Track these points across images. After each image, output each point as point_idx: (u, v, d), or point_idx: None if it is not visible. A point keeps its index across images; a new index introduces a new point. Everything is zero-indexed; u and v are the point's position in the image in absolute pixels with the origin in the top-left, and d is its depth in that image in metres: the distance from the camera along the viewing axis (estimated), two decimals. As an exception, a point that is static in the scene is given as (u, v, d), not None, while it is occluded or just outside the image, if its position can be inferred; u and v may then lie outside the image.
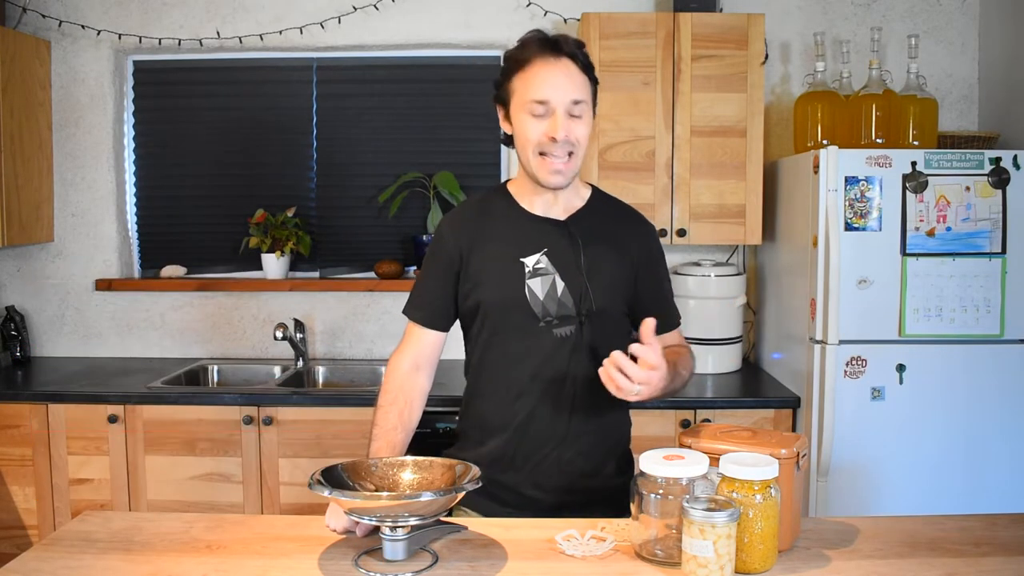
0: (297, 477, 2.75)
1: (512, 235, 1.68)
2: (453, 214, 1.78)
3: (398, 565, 1.35)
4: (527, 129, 1.59)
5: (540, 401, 1.65)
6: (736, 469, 1.30)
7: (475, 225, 1.70)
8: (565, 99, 1.56)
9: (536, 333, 1.64)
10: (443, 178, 3.22)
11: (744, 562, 1.30)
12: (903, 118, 2.77)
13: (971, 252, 2.53)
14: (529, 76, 1.58)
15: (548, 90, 1.56)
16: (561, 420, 1.66)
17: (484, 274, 1.66)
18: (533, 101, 1.57)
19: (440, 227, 1.75)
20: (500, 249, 1.67)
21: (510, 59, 1.62)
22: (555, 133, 1.56)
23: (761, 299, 3.21)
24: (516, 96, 1.60)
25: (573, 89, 1.57)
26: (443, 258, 1.71)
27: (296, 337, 3.19)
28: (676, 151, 2.91)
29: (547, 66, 1.57)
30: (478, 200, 1.78)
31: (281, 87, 3.36)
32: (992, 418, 2.56)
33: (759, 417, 2.71)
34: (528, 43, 1.60)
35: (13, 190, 3.04)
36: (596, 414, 1.68)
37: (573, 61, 1.58)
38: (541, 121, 1.57)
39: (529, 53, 1.58)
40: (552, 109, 1.57)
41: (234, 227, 3.35)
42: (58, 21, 3.26)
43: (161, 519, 1.57)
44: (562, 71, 1.57)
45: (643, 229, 1.77)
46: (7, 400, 2.79)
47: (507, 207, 1.71)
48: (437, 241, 1.73)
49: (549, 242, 1.66)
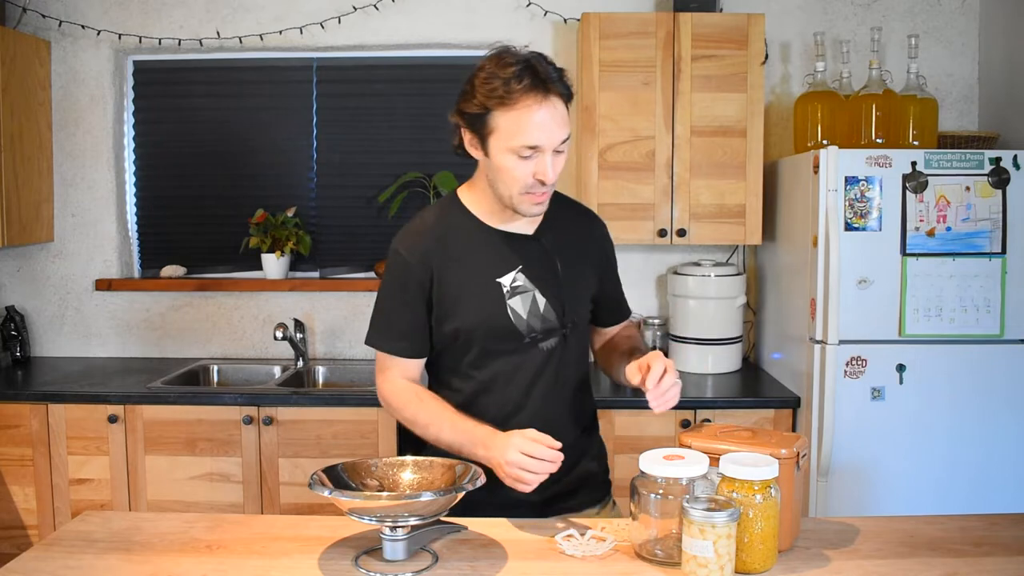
0: (297, 477, 2.75)
1: (483, 255, 1.63)
2: (410, 236, 1.67)
3: (398, 565, 1.35)
4: (513, 169, 1.52)
5: (536, 415, 1.64)
6: (736, 469, 1.30)
7: (439, 247, 1.63)
8: (555, 141, 1.51)
9: (523, 350, 1.64)
10: (443, 178, 3.22)
11: (744, 562, 1.30)
12: (903, 118, 2.77)
13: (971, 252, 2.53)
14: (517, 117, 1.49)
15: (540, 136, 1.49)
16: (555, 429, 1.64)
17: (460, 298, 1.62)
18: (524, 146, 1.50)
19: (397, 251, 1.65)
20: (473, 271, 1.62)
21: (492, 90, 1.50)
22: (545, 177, 1.52)
23: (761, 299, 3.21)
24: (500, 133, 1.51)
25: (561, 130, 1.52)
26: (411, 284, 1.63)
27: (296, 337, 3.19)
28: (676, 151, 2.91)
29: (538, 109, 1.49)
30: (434, 218, 1.68)
31: (281, 87, 3.36)
32: (992, 418, 2.56)
33: (759, 417, 2.71)
34: (511, 79, 1.48)
35: (13, 190, 3.04)
36: (579, 414, 1.74)
37: (560, 98, 1.52)
38: (528, 162, 1.51)
39: (516, 91, 1.48)
40: (541, 152, 1.51)
41: (234, 227, 3.35)
42: (58, 21, 3.26)
43: (161, 519, 1.57)
44: (550, 114, 1.50)
45: (599, 231, 1.79)
46: (7, 400, 2.79)
47: (469, 225, 1.66)
48: (400, 267, 1.64)
49: (522, 258, 1.64)
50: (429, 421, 1.61)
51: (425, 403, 1.63)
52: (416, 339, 1.67)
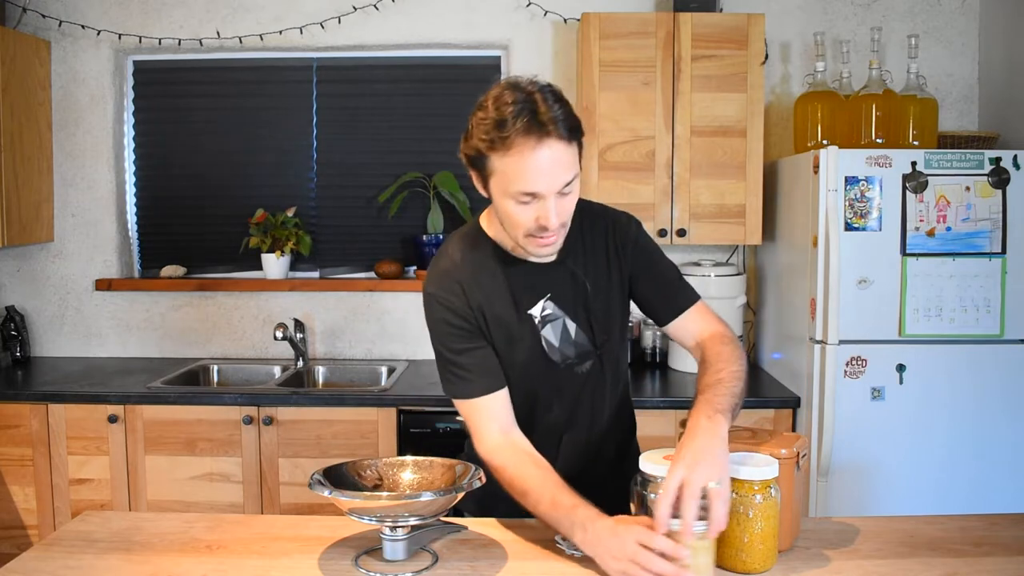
0: (297, 477, 2.75)
1: (512, 287, 1.57)
2: (442, 277, 1.58)
3: (398, 565, 1.35)
4: (514, 214, 1.44)
5: (577, 437, 1.64)
6: (736, 469, 1.30)
7: (471, 284, 1.56)
8: (555, 187, 1.40)
9: (559, 375, 1.60)
10: (443, 178, 3.22)
11: (744, 562, 1.30)
12: (903, 118, 2.77)
13: (971, 252, 2.53)
14: (512, 162, 1.38)
15: (538, 182, 1.39)
16: (597, 449, 1.66)
17: (498, 335, 1.57)
18: (521, 192, 1.40)
19: (435, 296, 1.56)
20: (505, 306, 1.56)
21: (488, 132, 1.40)
22: (547, 222, 1.42)
23: (761, 299, 3.21)
24: (498, 177, 1.42)
25: (564, 173, 1.40)
26: (468, 323, 1.55)
27: (296, 337, 3.19)
28: (676, 151, 2.91)
29: (532, 153, 1.37)
30: (460, 255, 1.59)
31: (281, 87, 3.36)
32: (992, 418, 2.56)
33: (759, 417, 2.71)
34: (507, 121, 1.37)
35: (13, 190, 3.04)
36: (620, 432, 1.72)
37: (559, 139, 1.38)
38: (529, 207, 1.42)
39: (510, 133, 1.37)
40: (542, 197, 1.41)
41: (234, 227, 3.35)
42: (58, 21, 3.26)
43: (161, 519, 1.57)
44: (548, 157, 1.37)
45: (621, 231, 1.66)
46: (7, 400, 2.79)
47: (495, 258, 1.58)
48: (445, 309, 1.54)
49: (550, 286, 1.58)
50: (526, 490, 1.44)
51: (531, 470, 1.46)
52: (490, 374, 1.54)
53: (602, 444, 1.68)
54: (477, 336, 1.55)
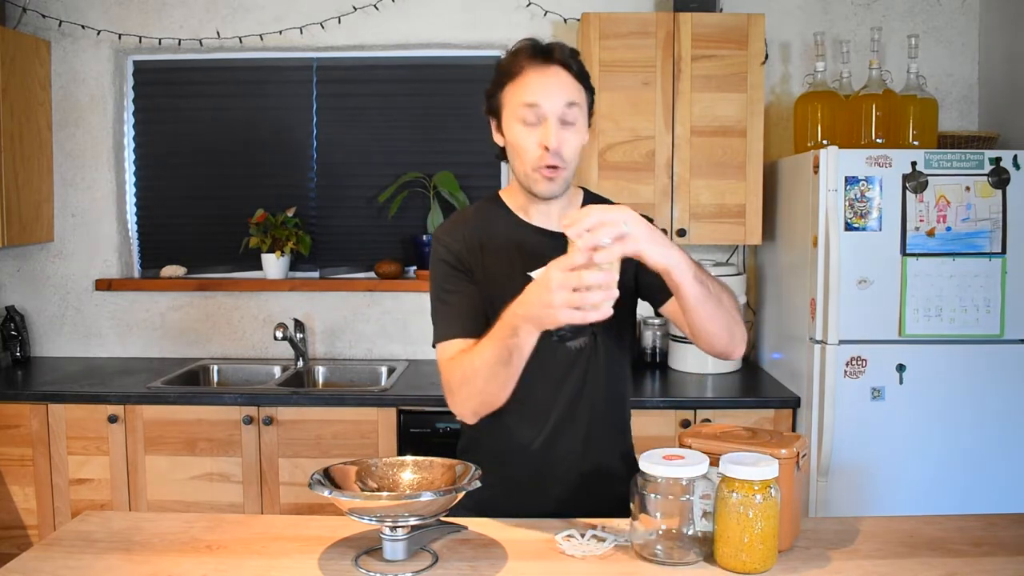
0: (297, 477, 2.75)
1: (517, 249, 1.62)
2: (450, 225, 1.68)
3: (398, 565, 1.35)
4: (519, 138, 1.54)
5: (563, 417, 1.63)
6: (736, 469, 1.30)
7: (476, 237, 1.63)
8: (557, 105, 1.51)
9: (550, 347, 1.56)
10: (443, 178, 3.23)
11: (744, 562, 1.30)
12: (903, 118, 2.77)
13: (971, 252, 2.53)
14: (520, 83, 1.53)
15: (539, 94, 1.51)
16: (580, 434, 1.64)
17: (494, 291, 1.60)
18: (524, 104, 1.51)
19: (439, 239, 1.65)
20: (507, 264, 1.61)
21: (501, 70, 1.57)
22: (547, 141, 1.51)
23: (761, 299, 3.21)
24: (507, 106, 1.56)
25: (565, 93, 1.52)
26: (459, 267, 1.61)
27: (296, 337, 3.19)
28: (676, 151, 2.91)
29: (538, 73, 1.52)
30: (473, 212, 1.70)
31: (281, 87, 3.36)
32: (992, 418, 2.56)
33: (759, 417, 2.71)
34: (519, 52, 1.55)
35: (13, 190, 3.04)
36: (609, 425, 1.69)
37: (565, 69, 1.53)
38: (533, 130, 1.52)
39: (520, 62, 1.53)
40: (544, 116, 1.51)
41: (234, 227, 3.35)
42: (58, 21, 3.26)
43: (161, 519, 1.57)
44: (553, 77, 1.52)
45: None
46: (7, 400, 2.79)
47: (506, 219, 1.66)
48: (444, 253, 1.63)
49: (555, 253, 1.56)
50: (472, 358, 1.49)
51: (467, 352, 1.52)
52: (476, 319, 1.58)
53: (588, 436, 1.64)
54: (466, 281, 1.61)
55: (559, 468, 1.64)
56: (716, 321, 1.48)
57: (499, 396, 1.50)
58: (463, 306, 1.60)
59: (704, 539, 1.34)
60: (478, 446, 1.69)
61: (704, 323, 1.48)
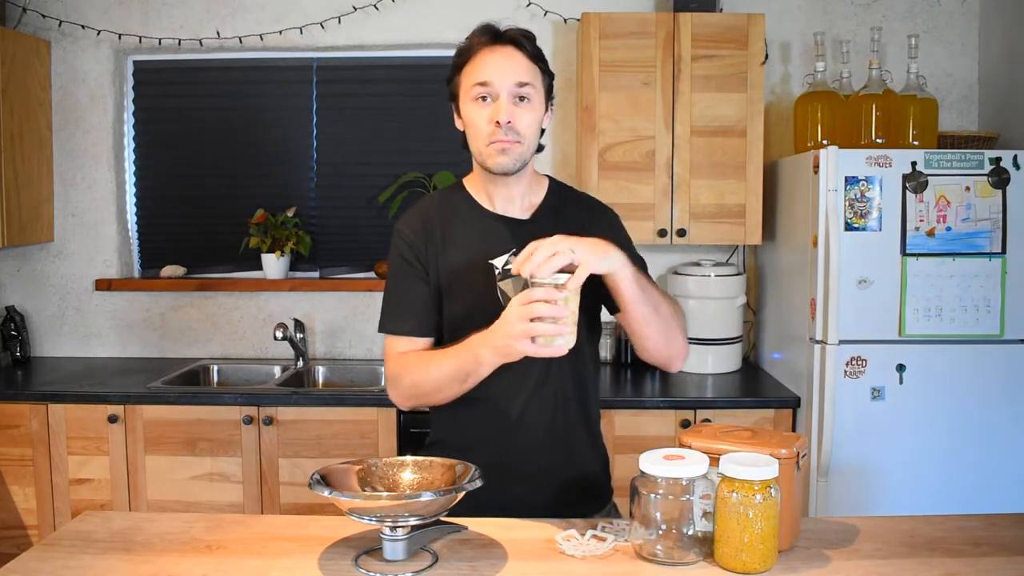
0: (297, 477, 2.75)
1: (478, 237, 1.62)
2: (411, 215, 1.69)
3: (398, 565, 1.35)
4: (472, 116, 1.57)
5: (525, 407, 1.61)
6: (736, 469, 1.30)
7: (437, 225, 1.64)
8: (507, 82, 1.54)
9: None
10: (443, 178, 3.22)
11: (744, 562, 1.30)
12: (903, 118, 2.77)
13: (971, 252, 2.53)
14: (473, 65, 1.57)
15: (490, 73, 1.54)
16: (544, 424, 1.63)
17: (453, 280, 1.61)
18: (476, 84, 1.55)
19: (400, 230, 1.66)
20: (467, 252, 1.61)
21: (456, 54, 1.62)
22: (498, 116, 1.53)
23: (761, 299, 3.21)
24: (462, 87, 1.59)
25: (515, 72, 1.55)
26: (414, 261, 1.63)
27: (296, 337, 3.19)
28: (676, 151, 2.91)
29: (488, 51, 1.57)
30: (436, 201, 1.71)
31: (281, 87, 3.36)
32: (992, 418, 2.56)
33: (759, 417, 2.71)
34: (471, 35, 1.60)
35: (13, 190, 3.04)
36: (577, 417, 1.67)
37: (518, 48, 1.58)
38: (485, 107, 1.55)
39: (472, 44, 1.59)
40: (495, 93, 1.54)
41: (234, 227, 3.35)
42: (58, 21, 3.26)
43: (161, 519, 1.57)
44: (503, 55, 1.56)
45: (604, 218, 1.72)
46: (7, 400, 2.79)
47: (468, 207, 1.66)
48: (402, 245, 1.65)
49: (517, 242, 1.58)
50: (429, 365, 1.56)
51: (425, 356, 1.59)
52: (425, 317, 1.63)
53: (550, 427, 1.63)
54: (421, 277, 1.63)
55: (526, 457, 1.62)
56: (652, 325, 1.54)
57: (442, 401, 1.58)
58: (415, 304, 1.63)
59: (704, 539, 1.34)
60: (445, 441, 1.69)
61: (640, 327, 1.54)
